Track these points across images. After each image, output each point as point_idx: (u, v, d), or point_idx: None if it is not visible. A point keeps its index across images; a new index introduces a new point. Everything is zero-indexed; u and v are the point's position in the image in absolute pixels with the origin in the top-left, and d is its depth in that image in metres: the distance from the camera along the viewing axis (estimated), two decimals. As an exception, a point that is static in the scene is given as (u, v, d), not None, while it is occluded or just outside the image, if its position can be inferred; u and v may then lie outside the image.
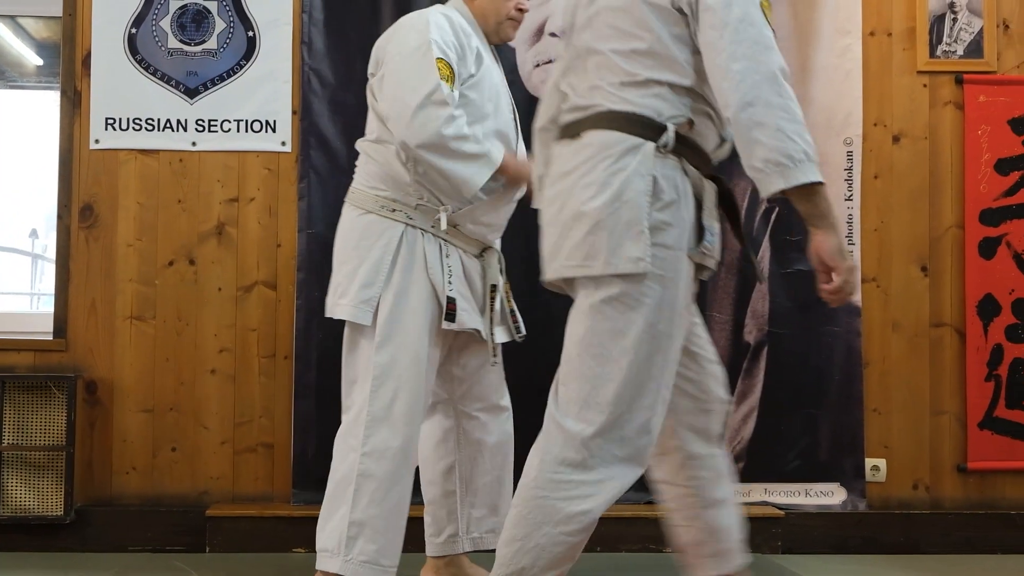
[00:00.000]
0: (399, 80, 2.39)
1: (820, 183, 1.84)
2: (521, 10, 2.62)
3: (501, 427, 2.67)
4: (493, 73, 2.57)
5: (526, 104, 3.31)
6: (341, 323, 3.24)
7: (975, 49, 3.53)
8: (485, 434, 2.64)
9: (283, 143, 3.45)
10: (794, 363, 3.50)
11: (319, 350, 3.39)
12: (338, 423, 3.28)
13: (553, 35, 3.41)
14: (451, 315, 2.46)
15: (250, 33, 3.43)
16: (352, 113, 3.38)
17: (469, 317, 2.51)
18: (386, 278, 2.43)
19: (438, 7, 2.58)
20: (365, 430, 2.42)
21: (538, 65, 3.45)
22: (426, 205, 2.46)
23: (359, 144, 2.66)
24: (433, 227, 2.45)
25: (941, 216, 3.55)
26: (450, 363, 2.62)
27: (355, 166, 2.78)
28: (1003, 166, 3.53)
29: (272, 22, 3.44)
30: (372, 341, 2.42)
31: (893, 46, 3.56)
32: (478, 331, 2.52)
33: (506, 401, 2.68)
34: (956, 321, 3.55)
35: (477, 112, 2.46)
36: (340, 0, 3.45)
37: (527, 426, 2.40)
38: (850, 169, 3.50)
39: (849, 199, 3.49)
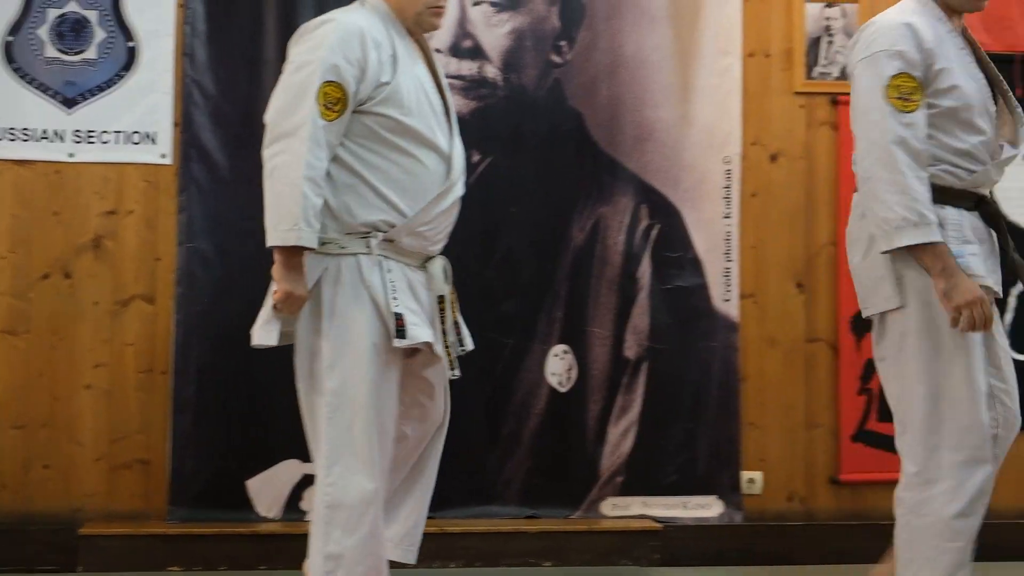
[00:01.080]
0: (276, 99, 2.94)
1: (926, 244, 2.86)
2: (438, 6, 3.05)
3: (431, 438, 3.19)
4: (412, 73, 2.99)
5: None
6: (221, 338, 4.17)
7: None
8: (413, 431, 3.16)
9: (163, 155, 4.37)
10: (673, 378, 4.54)
11: (198, 364, 4.32)
12: (217, 437, 4.24)
13: (437, 51, 4.32)
14: (401, 331, 2.88)
15: (131, 43, 4.32)
16: (234, 125, 4.31)
17: (420, 331, 2.92)
18: (328, 310, 2.91)
19: (352, 7, 3.06)
20: (326, 460, 2.88)
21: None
22: (355, 230, 2.92)
23: None
24: (367, 250, 2.91)
25: (816, 234, 4.62)
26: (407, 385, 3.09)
27: (236, 178, 3.67)
28: (876, 186, 4.55)
29: (153, 33, 4.37)
30: (321, 368, 2.91)
31: (772, 67, 4.65)
32: (429, 344, 2.96)
33: (444, 418, 3.20)
34: (830, 336, 4.64)
35: (394, 124, 2.92)
36: (223, 12, 4.40)
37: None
38: (729, 187, 4.55)
39: (728, 217, 4.53)
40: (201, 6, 4.34)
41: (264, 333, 3.01)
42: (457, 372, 3.08)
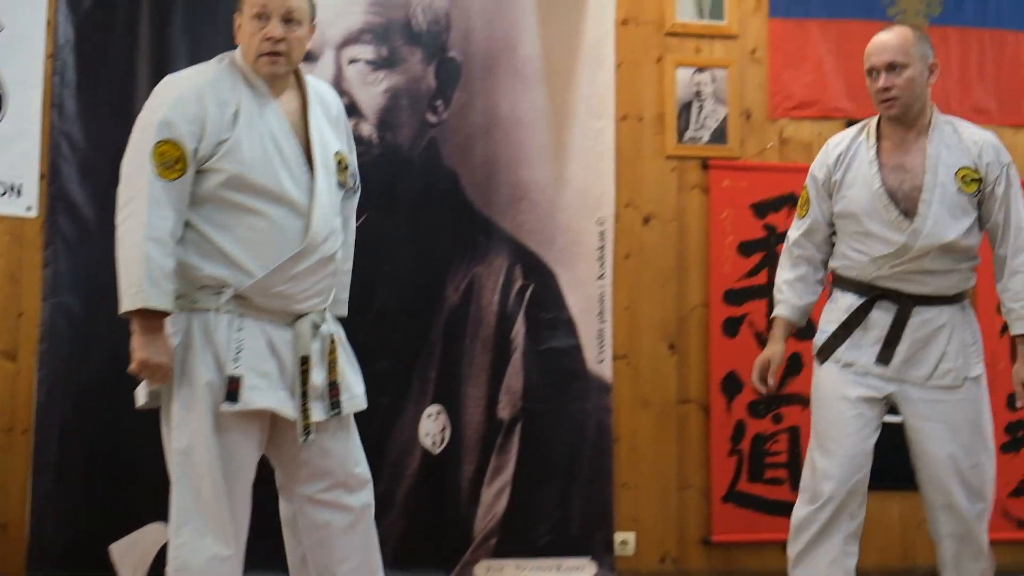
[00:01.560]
0: (123, 164, 3.13)
1: None
2: (271, 39, 3.08)
3: (354, 503, 3.22)
4: (260, 125, 3.08)
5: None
6: (85, 395, 4.50)
7: (720, 135, 5.21)
8: (333, 515, 3.19)
9: (29, 208, 4.74)
10: (547, 439, 5.05)
11: (61, 424, 4.67)
12: (79, 499, 4.53)
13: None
14: (232, 395, 2.96)
15: (-4, 93, 4.65)
16: (104, 178, 4.62)
17: (260, 395, 3.00)
18: (178, 369, 3.02)
19: (207, 63, 3.26)
20: (175, 522, 3.02)
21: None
22: (206, 285, 3.04)
23: None
24: (217, 305, 3.03)
25: (688, 295, 5.19)
26: (275, 444, 3.19)
27: (104, 232, 4.07)
28: (746, 248, 5.21)
29: (20, 82, 4.76)
30: (171, 429, 3.06)
31: (644, 131, 5.26)
32: (274, 410, 3.04)
33: (362, 470, 3.26)
34: (701, 397, 5.22)
35: (238, 181, 3.03)
36: (94, 63, 4.82)
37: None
38: (602, 248, 5.10)
39: (601, 278, 5.07)
40: (71, 56, 4.74)
41: (138, 393, 3.19)
42: (307, 438, 3.10)
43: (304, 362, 3.10)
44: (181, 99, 3.05)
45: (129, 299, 2.97)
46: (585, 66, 5.15)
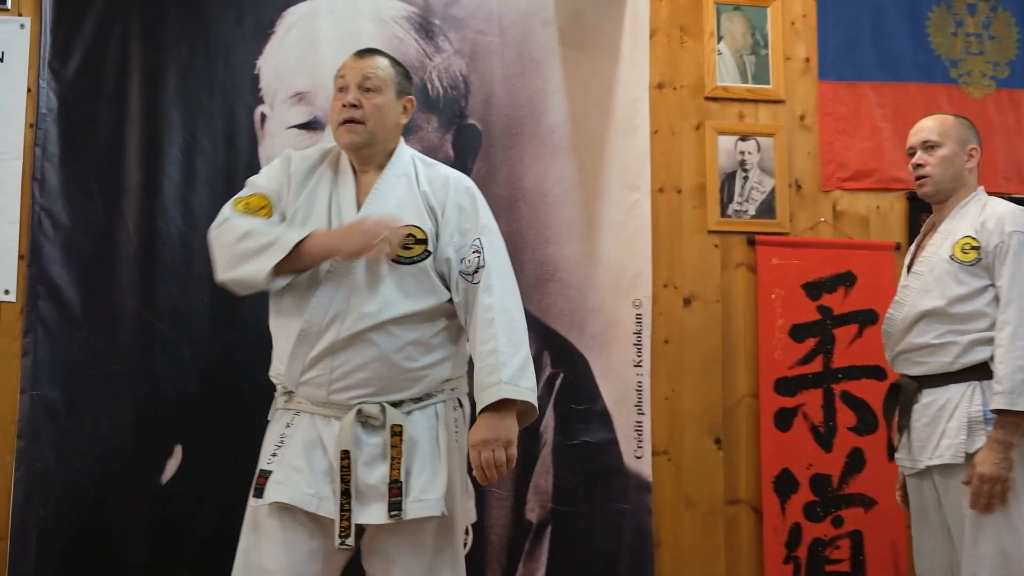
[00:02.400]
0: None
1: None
2: (347, 106, 3.13)
3: None
4: (322, 200, 3.12)
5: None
6: (66, 499, 4.18)
7: (767, 209, 4.82)
8: None
9: (6, 291, 4.41)
10: (580, 543, 4.62)
11: (39, 531, 4.29)
12: (57, 614, 4.16)
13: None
14: (258, 489, 3.02)
15: (-28, 166, 4.35)
16: (89, 259, 4.38)
17: (280, 489, 2.98)
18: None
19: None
20: None
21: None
22: (274, 382, 3.17)
23: None
24: (281, 405, 3.14)
25: (735, 384, 4.77)
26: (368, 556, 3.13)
27: (90, 318, 3.78)
28: (798, 332, 4.80)
29: (-1, 155, 4.38)
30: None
31: (683, 204, 4.87)
32: (292, 504, 2.99)
33: None
34: (752, 498, 4.78)
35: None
36: (79, 133, 4.50)
37: None
38: (639, 333, 4.70)
39: (638, 365, 4.67)
40: (54, 127, 4.44)
41: None
42: (346, 543, 2.96)
43: (344, 456, 2.97)
44: (271, 167, 3.17)
45: (277, 249, 3.01)
46: (618, 134, 4.82)
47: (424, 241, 3.07)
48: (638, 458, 4.69)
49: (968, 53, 5.15)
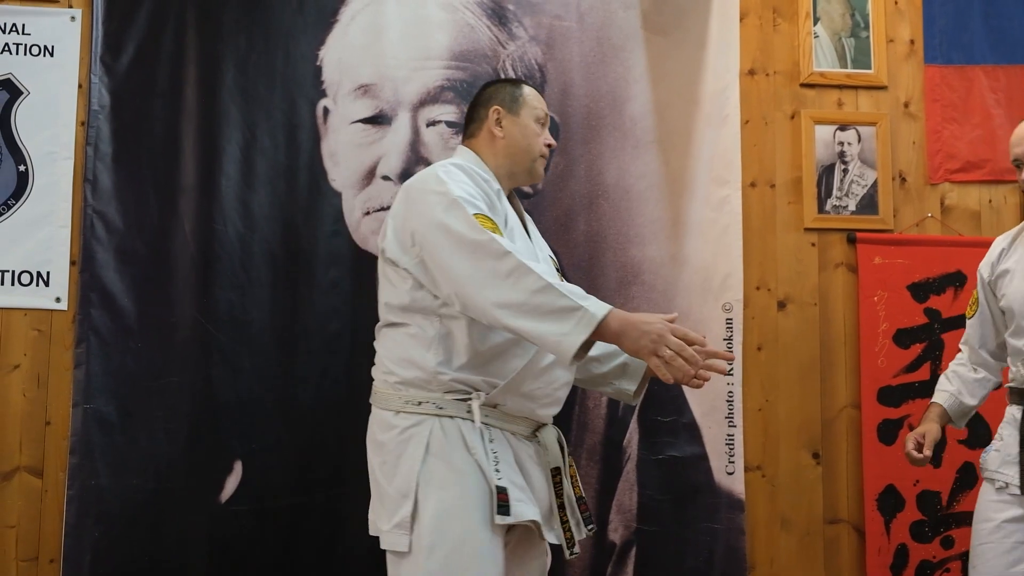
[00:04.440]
0: (449, 251, 2.97)
1: None
2: (550, 146, 3.36)
3: None
4: (510, 222, 3.18)
5: (353, 259, 4.21)
6: (120, 519, 4.10)
7: (869, 204, 4.61)
8: None
9: (58, 299, 4.32)
10: (668, 566, 4.46)
11: (93, 552, 4.20)
12: (113, 639, 4.09)
13: (386, 178, 4.32)
14: (504, 506, 2.95)
15: (21, 167, 4.31)
16: (144, 264, 4.28)
17: (525, 508, 3.00)
18: (416, 484, 2.98)
19: (447, 161, 3.24)
20: None
21: (368, 212, 4.35)
22: (457, 391, 3.05)
23: (377, 335, 3.24)
24: (468, 412, 3.03)
25: (834, 394, 4.58)
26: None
27: (145, 327, 3.65)
28: (903, 338, 4.59)
29: (49, 155, 4.36)
30: (413, 562, 2.96)
31: (777, 199, 4.68)
32: (536, 524, 3.04)
33: None
34: (854, 517, 4.58)
35: None
36: (132, 132, 4.39)
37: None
38: (730, 339, 4.52)
39: (729, 373, 4.48)
40: (107, 125, 4.34)
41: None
42: (577, 550, 3.16)
43: (556, 473, 3.15)
44: (457, 180, 3.09)
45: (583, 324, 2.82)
46: (706, 125, 4.63)
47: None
48: (729, 474, 4.50)
49: (1088, 32, 4.90)
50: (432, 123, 4.47)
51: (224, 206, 4.32)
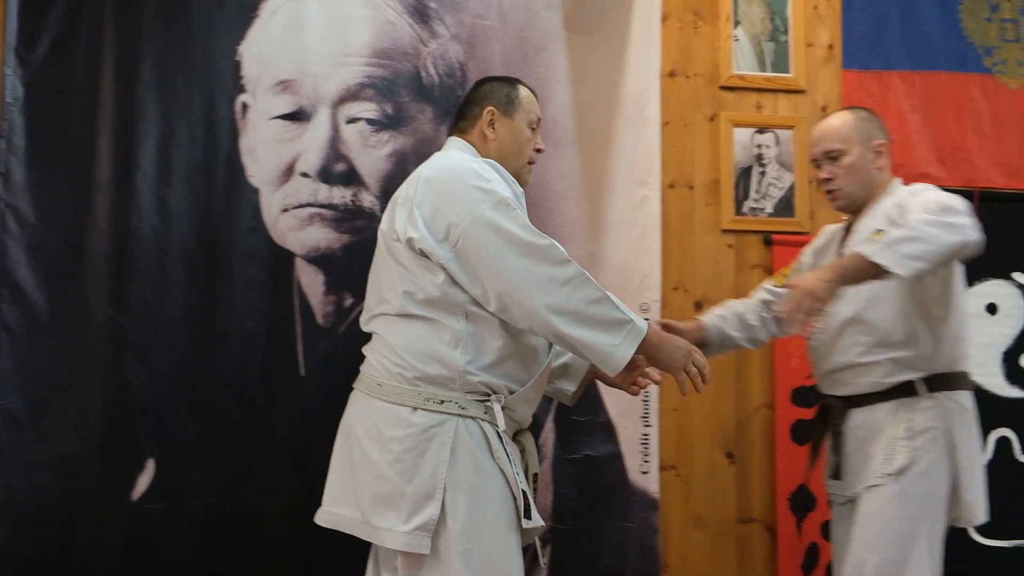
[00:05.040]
0: (501, 250, 3.02)
1: None
2: (539, 151, 3.45)
3: None
4: None
5: (271, 256, 4.22)
6: (30, 521, 4.04)
7: (785, 206, 4.71)
8: None
9: (-33, 295, 4.25)
10: (582, 565, 4.53)
11: (1, 553, 4.13)
12: None
13: (305, 175, 4.33)
14: (528, 511, 3.04)
15: (-67, 160, 4.24)
16: (57, 260, 4.26)
17: (536, 513, 3.09)
18: (444, 487, 2.98)
19: (446, 150, 3.39)
20: None
21: (286, 209, 4.36)
22: (479, 392, 3.07)
23: (375, 323, 3.23)
24: (486, 414, 3.06)
25: (749, 395, 4.67)
26: None
27: (58, 324, 3.87)
28: (817, 339, 4.63)
29: (-40, 148, 4.27)
30: (444, 566, 2.97)
31: (695, 201, 4.76)
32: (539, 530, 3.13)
33: None
34: (766, 516, 4.67)
35: None
36: (47, 125, 4.34)
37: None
38: (647, 339, 4.53)
39: (657, 383, 4.50)
40: (20, 117, 4.29)
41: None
42: (545, 560, 3.27)
43: (535, 479, 3.23)
44: (492, 179, 3.16)
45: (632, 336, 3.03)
46: (626, 126, 4.68)
47: None
48: (644, 473, 4.56)
49: (1004, 40, 4.99)
50: (352, 120, 4.48)
51: (140, 202, 4.29)
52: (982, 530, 4.75)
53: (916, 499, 3.45)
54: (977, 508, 3.54)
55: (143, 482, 4.22)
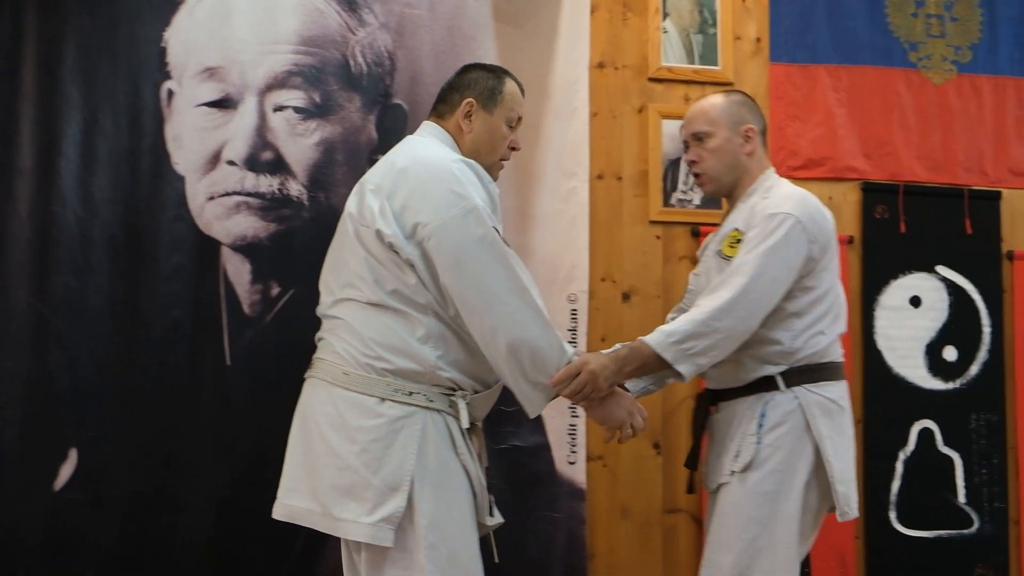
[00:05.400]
0: (467, 265, 3.07)
1: None
2: (515, 149, 3.46)
3: None
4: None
5: (197, 245, 4.20)
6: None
7: (713, 198, 4.73)
8: None
9: None
10: (508, 555, 4.37)
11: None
12: None
13: (231, 163, 4.32)
14: (491, 508, 3.15)
15: None
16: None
17: (497, 511, 3.19)
18: (411, 480, 2.99)
19: (423, 137, 3.38)
20: None
21: (212, 198, 4.35)
22: (446, 387, 3.10)
23: (340, 307, 3.23)
24: (450, 407, 3.09)
25: (675, 386, 4.67)
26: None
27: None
28: (743, 331, 4.69)
29: None
30: (408, 560, 2.99)
31: (623, 192, 4.81)
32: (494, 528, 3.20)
33: None
34: (692, 507, 4.73)
35: None
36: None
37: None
38: (575, 330, 4.64)
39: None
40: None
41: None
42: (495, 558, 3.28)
43: (487, 473, 3.24)
44: (472, 183, 3.19)
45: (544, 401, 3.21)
46: (554, 117, 4.71)
47: None
48: (571, 464, 4.61)
49: (929, 36, 5.08)
50: (279, 108, 4.46)
51: (63, 189, 4.25)
52: (905, 521, 4.85)
53: (767, 498, 3.41)
54: (851, 499, 3.46)
55: (66, 472, 4.19)
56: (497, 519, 3.18)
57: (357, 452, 3.01)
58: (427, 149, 3.26)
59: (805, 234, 3.42)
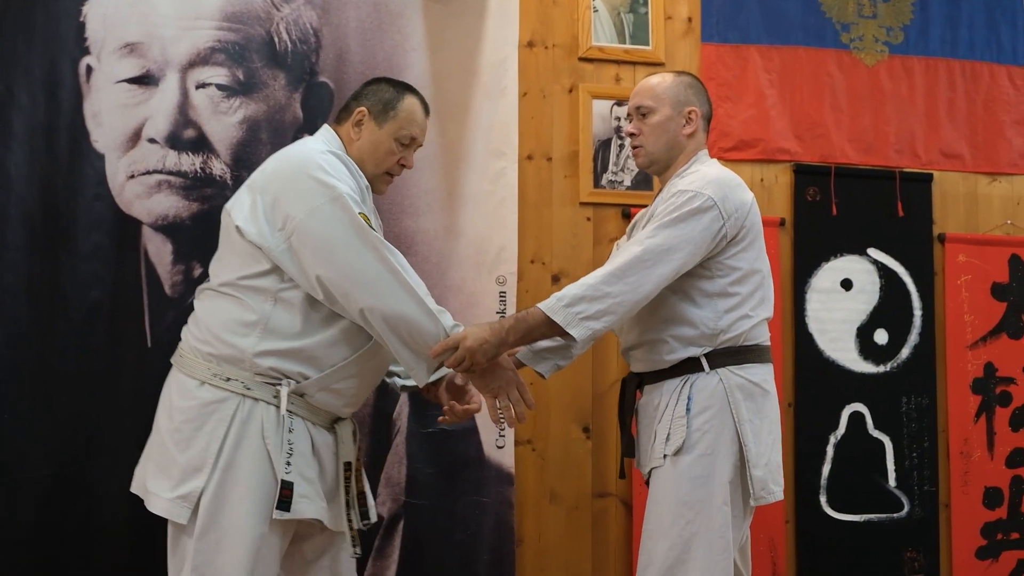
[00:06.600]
0: (336, 251, 3.17)
1: None
2: (404, 167, 3.51)
3: None
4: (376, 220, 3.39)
5: (117, 224, 4.21)
6: None
7: (644, 180, 4.83)
8: None
9: None
10: (436, 539, 4.59)
11: None
12: None
13: (152, 141, 4.33)
14: (285, 503, 3.11)
15: None
16: None
17: (309, 505, 3.17)
18: (213, 462, 3.11)
19: (318, 141, 3.45)
20: None
21: (132, 176, 4.36)
22: (268, 376, 3.18)
23: (199, 295, 3.37)
24: (275, 398, 3.16)
25: (605, 370, 4.79)
26: (293, 555, 3.35)
27: None
28: (674, 313, 4.77)
29: None
30: (186, 540, 3.11)
31: (553, 173, 4.85)
32: (320, 522, 3.22)
33: None
34: (622, 491, 4.78)
35: None
36: None
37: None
38: (503, 312, 4.68)
39: (503, 348, 4.61)
40: None
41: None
42: (358, 551, 3.31)
43: (347, 468, 3.30)
44: (338, 171, 3.31)
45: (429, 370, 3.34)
46: (483, 96, 4.75)
47: None
48: (499, 448, 4.64)
49: (860, 17, 5.17)
50: (202, 85, 4.47)
51: (-23, 165, 4.24)
52: (835, 504, 4.94)
53: (698, 482, 3.44)
54: (767, 484, 3.49)
55: (-22, 457, 4.18)
56: (296, 515, 3.17)
57: (171, 430, 3.18)
58: (302, 146, 3.43)
59: (715, 211, 3.47)
